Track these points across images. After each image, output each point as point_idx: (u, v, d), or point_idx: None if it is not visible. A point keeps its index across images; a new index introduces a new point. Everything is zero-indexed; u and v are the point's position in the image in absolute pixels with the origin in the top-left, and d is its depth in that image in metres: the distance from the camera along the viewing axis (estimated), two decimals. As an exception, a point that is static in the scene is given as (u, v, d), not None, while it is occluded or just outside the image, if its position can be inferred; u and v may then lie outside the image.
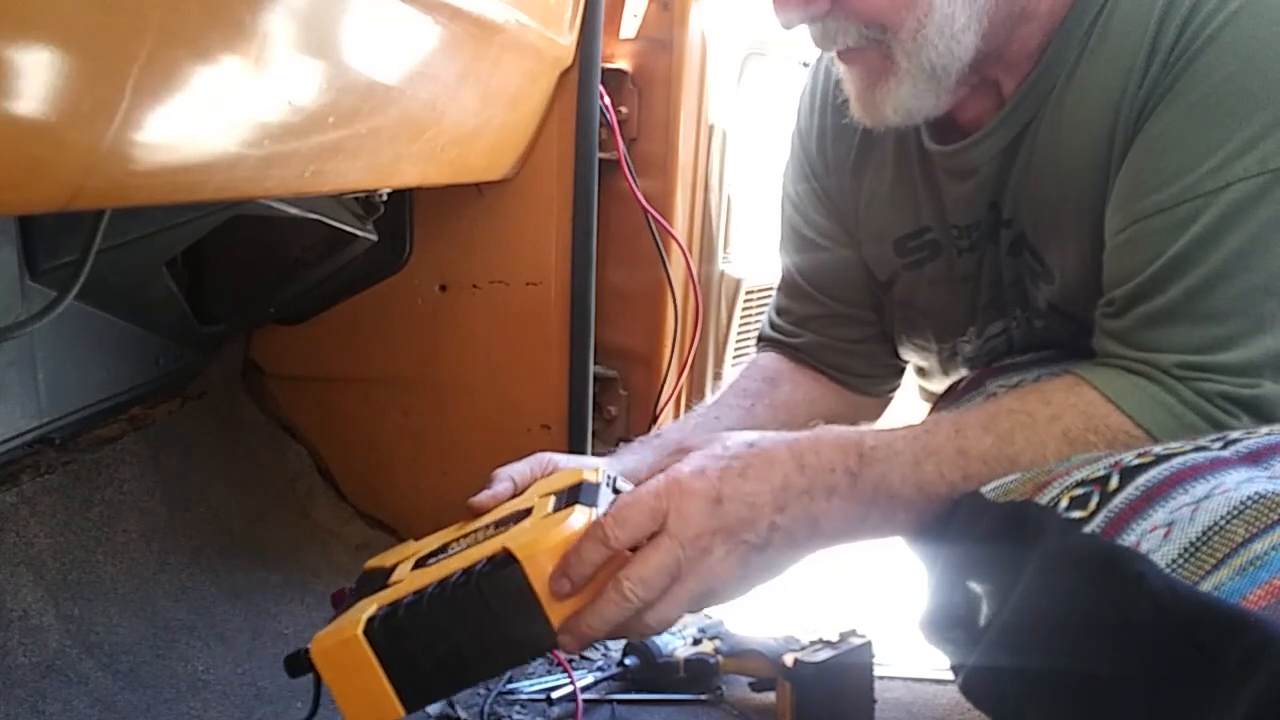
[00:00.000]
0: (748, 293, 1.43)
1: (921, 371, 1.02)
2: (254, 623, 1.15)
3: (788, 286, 1.03)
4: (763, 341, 1.05)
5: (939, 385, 0.98)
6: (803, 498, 0.66)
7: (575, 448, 1.27)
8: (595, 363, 1.28)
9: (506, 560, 0.62)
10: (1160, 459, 0.56)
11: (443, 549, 0.72)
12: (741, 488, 0.65)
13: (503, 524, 0.71)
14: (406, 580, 0.69)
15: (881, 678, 1.13)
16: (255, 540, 1.27)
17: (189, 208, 0.91)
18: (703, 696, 1.13)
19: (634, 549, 0.64)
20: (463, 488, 1.36)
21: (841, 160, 0.93)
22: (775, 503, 0.66)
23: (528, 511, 0.70)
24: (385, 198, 0.94)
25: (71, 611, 1.01)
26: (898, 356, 1.01)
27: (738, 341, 1.42)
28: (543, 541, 0.63)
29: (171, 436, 1.25)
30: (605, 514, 0.64)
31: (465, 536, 0.73)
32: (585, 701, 1.10)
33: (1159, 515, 0.52)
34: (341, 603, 0.77)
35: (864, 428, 0.71)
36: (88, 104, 0.53)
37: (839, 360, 0.99)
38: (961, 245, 0.85)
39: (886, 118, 0.76)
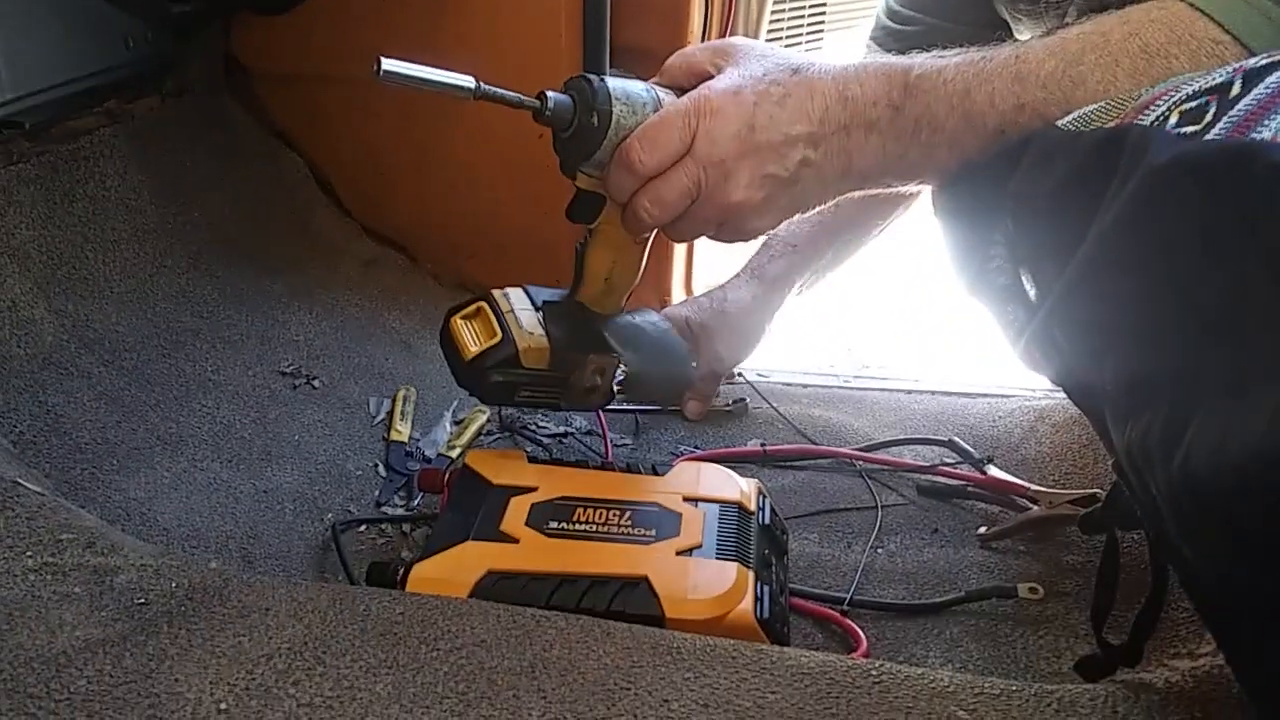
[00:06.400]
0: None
1: None
2: (261, 329, 1.10)
3: None
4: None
5: None
6: (840, 134, 0.61)
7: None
8: (611, 65, 1.16)
9: (652, 607, 0.63)
10: (1295, 54, 0.47)
11: (568, 510, 0.70)
12: (779, 116, 0.61)
13: (642, 516, 0.70)
14: (525, 547, 0.67)
15: (909, 392, 1.11)
16: (256, 249, 1.20)
17: None
18: (728, 406, 1.11)
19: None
20: (472, 205, 1.29)
21: None
22: (811, 137, 0.61)
23: (665, 512, 0.70)
24: None
25: (64, 307, 0.96)
26: None
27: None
28: (693, 611, 0.64)
29: (154, 135, 1.15)
30: (633, 136, 0.61)
31: (594, 506, 0.71)
32: (608, 411, 1.07)
33: (1301, 107, 0.44)
34: (431, 485, 0.77)
35: (917, 56, 0.62)
36: None
37: None
38: None
39: None
